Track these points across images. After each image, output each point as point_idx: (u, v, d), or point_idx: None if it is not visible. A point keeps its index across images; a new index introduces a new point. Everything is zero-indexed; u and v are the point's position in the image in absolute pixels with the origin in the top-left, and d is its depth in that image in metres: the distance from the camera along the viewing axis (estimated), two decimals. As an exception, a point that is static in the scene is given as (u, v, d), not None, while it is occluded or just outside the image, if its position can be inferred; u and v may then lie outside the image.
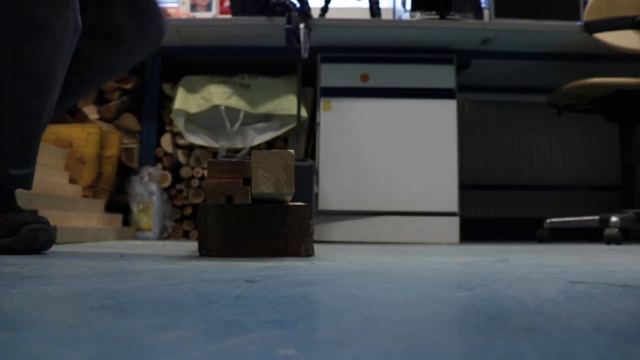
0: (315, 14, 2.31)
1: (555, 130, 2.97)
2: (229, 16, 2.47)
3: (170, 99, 2.40)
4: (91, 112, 2.43)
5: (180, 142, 2.39)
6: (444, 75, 2.31)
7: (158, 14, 1.30)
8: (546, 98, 2.46)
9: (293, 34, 2.04)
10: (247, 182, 1.00)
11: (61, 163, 2.09)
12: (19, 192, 1.17)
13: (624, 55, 2.33)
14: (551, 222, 2.30)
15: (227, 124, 2.32)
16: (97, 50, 1.24)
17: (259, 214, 1.02)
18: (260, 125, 2.36)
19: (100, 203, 2.16)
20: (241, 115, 2.32)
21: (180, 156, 2.39)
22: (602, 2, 2.18)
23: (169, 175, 2.37)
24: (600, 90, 2.22)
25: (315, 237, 2.12)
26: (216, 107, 2.31)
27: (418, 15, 2.29)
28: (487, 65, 2.53)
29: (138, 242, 1.89)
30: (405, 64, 2.32)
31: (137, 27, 1.26)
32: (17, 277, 0.58)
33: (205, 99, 2.31)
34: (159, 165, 2.39)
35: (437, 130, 2.28)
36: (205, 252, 1.03)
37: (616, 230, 1.94)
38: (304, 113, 2.28)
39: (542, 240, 2.29)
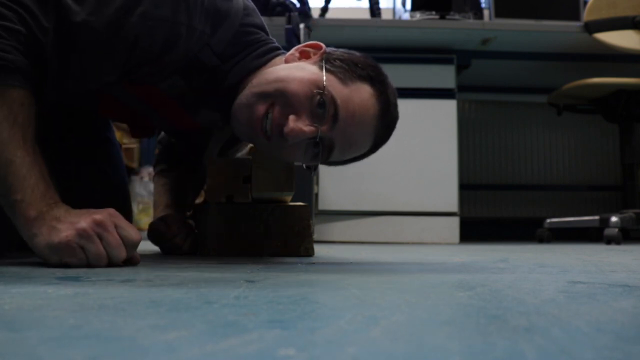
0: (315, 14, 2.31)
1: (555, 130, 2.97)
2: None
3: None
4: (91, 112, 2.43)
5: (180, 142, 2.38)
6: (444, 75, 2.31)
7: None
8: (546, 98, 2.46)
9: (293, 34, 2.04)
10: (247, 180, 1.00)
11: (61, 163, 2.08)
12: None
13: (624, 55, 2.33)
14: (551, 222, 2.30)
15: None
16: None
17: (258, 214, 1.02)
18: (260, 125, 2.35)
19: (100, 203, 2.16)
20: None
21: (180, 156, 2.39)
22: (602, 2, 2.18)
23: (169, 175, 2.36)
24: (600, 90, 2.22)
25: (315, 237, 2.12)
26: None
27: (418, 15, 2.29)
28: (487, 65, 2.53)
29: (138, 242, 1.88)
30: (405, 64, 2.31)
31: None
32: (17, 277, 0.58)
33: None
34: (159, 165, 2.39)
35: (437, 130, 2.27)
36: (205, 252, 1.03)
37: (616, 230, 1.94)
38: (304, 113, 2.27)
39: (542, 240, 2.29)
